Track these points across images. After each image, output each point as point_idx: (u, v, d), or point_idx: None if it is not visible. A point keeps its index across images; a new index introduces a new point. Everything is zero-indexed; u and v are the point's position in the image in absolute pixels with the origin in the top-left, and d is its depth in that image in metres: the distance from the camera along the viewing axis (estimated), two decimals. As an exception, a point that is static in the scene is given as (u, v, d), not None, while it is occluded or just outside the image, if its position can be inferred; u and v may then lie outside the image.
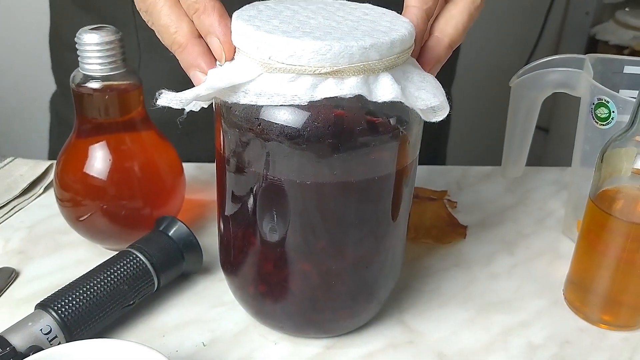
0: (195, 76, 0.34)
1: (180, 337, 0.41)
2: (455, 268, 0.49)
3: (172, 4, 0.35)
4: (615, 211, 0.41)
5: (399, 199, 0.38)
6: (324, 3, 0.37)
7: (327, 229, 0.36)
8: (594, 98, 0.46)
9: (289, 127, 0.33)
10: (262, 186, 0.35)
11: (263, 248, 0.37)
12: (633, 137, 0.40)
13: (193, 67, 0.34)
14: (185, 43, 0.34)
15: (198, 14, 0.34)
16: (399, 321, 0.43)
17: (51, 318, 0.37)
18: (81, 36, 0.42)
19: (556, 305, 0.45)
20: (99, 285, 0.40)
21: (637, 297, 0.43)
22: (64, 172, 0.46)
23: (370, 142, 0.34)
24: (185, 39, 0.34)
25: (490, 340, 0.42)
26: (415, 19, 0.35)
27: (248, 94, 0.32)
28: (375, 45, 0.31)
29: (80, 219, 0.46)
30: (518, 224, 0.54)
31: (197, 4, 0.33)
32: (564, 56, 0.50)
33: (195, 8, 0.34)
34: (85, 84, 0.43)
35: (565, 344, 0.42)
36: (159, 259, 0.43)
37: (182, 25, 0.34)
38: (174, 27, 0.35)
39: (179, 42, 0.35)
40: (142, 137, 0.46)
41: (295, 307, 0.39)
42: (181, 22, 0.35)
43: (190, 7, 0.34)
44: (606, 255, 0.42)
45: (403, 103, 0.33)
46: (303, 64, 0.31)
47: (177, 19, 0.35)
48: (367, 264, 0.38)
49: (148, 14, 0.36)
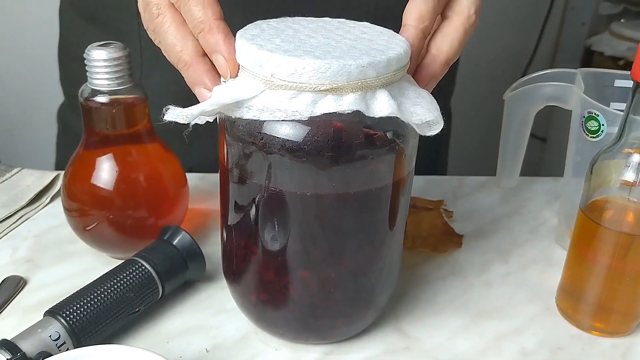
0: (201, 93, 0.36)
1: (184, 343, 0.42)
2: (451, 276, 0.50)
3: (179, 24, 0.36)
4: (604, 221, 0.42)
5: (396, 209, 0.39)
6: (323, 22, 0.39)
7: (326, 238, 0.38)
8: (584, 111, 0.48)
9: (290, 140, 0.34)
10: (263, 197, 0.37)
11: (264, 257, 0.39)
12: (621, 149, 0.41)
13: (198, 84, 0.36)
14: (191, 61, 0.36)
15: (203, 34, 0.35)
16: (396, 328, 0.44)
17: (60, 325, 0.39)
18: (90, 52, 0.43)
19: (548, 312, 0.46)
20: (105, 293, 0.41)
21: (627, 305, 0.44)
22: (71, 183, 0.47)
23: (367, 155, 0.35)
24: (191, 58, 0.36)
25: (485, 346, 0.43)
26: (411, 38, 0.37)
27: (251, 109, 0.34)
28: (373, 63, 0.33)
29: (87, 229, 0.47)
30: (512, 233, 0.56)
31: (203, 24, 0.35)
32: (556, 70, 0.52)
33: (201, 28, 0.35)
34: (93, 98, 0.45)
35: (557, 350, 0.43)
36: (164, 267, 0.44)
37: (188, 44, 0.36)
38: (180, 46, 0.36)
39: (185, 61, 0.36)
40: (148, 149, 0.48)
41: (295, 314, 0.40)
42: (187, 41, 0.36)
43: (196, 27, 0.35)
44: (596, 264, 0.43)
45: (399, 118, 0.34)
46: (304, 82, 0.33)
47: (182, 38, 0.36)
48: (365, 272, 0.40)
49: (155, 32, 0.38)
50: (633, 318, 0.45)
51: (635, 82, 0.39)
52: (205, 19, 0.35)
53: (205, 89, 0.36)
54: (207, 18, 0.35)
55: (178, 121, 0.35)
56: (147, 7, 0.38)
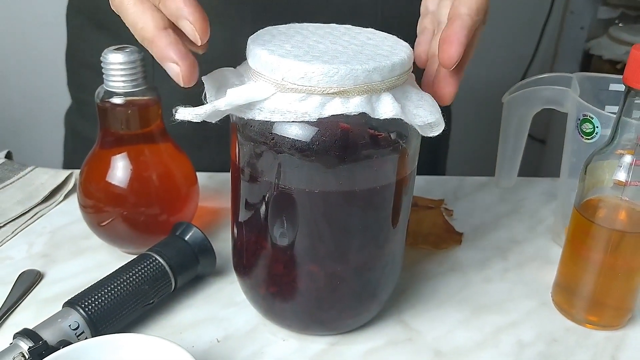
0: (169, 68, 0.34)
1: (196, 333, 0.44)
2: (451, 272, 0.52)
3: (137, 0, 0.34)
4: (598, 219, 0.44)
5: (398, 207, 0.41)
6: (330, 28, 0.41)
7: (333, 234, 0.40)
8: (579, 114, 0.50)
9: (300, 141, 0.36)
10: (273, 194, 0.38)
11: (274, 251, 0.41)
12: (614, 150, 0.43)
13: (165, 59, 0.34)
14: (152, 37, 0.34)
15: (163, 2, 0.33)
16: (399, 320, 0.46)
17: (79, 315, 0.41)
18: (106, 56, 0.45)
19: (544, 307, 0.48)
20: (122, 285, 0.43)
21: (620, 299, 0.46)
22: (87, 181, 0.49)
23: (372, 155, 0.37)
24: (151, 34, 0.34)
25: (483, 338, 0.45)
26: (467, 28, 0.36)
27: (263, 111, 0.36)
28: (378, 68, 0.35)
29: (102, 224, 0.49)
30: (511, 231, 0.58)
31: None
32: (553, 74, 0.54)
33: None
34: (109, 100, 0.47)
35: (552, 342, 0.45)
36: (176, 261, 0.46)
37: (147, 20, 0.34)
38: (140, 23, 0.34)
39: (146, 37, 0.34)
40: (160, 149, 0.50)
41: (302, 307, 0.42)
42: (145, 17, 0.34)
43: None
44: (590, 260, 0.45)
45: (403, 119, 0.36)
46: (313, 85, 0.35)
47: (141, 14, 0.34)
48: (370, 267, 0.42)
49: (119, 11, 0.36)
50: (625, 312, 0.47)
51: (626, 86, 0.41)
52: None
53: (174, 63, 0.34)
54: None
55: (189, 119, 0.36)
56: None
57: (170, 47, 0.34)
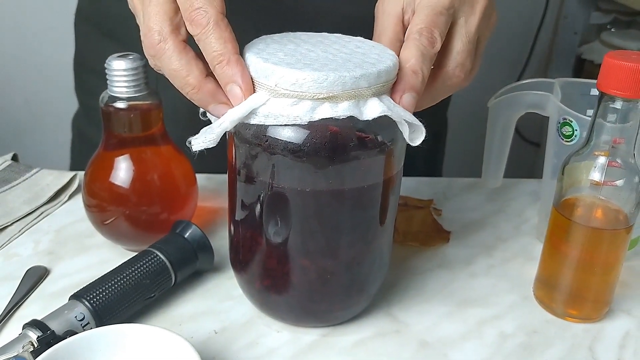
0: (216, 109, 0.39)
1: (194, 325, 0.46)
2: (439, 268, 0.54)
3: (181, 50, 0.39)
4: (575, 217, 0.47)
5: (386, 205, 0.43)
6: (321, 37, 0.44)
7: (323, 230, 0.42)
8: (560, 118, 0.52)
9: (292, 143, 0.38)
10: (268, 193, 0.41)
11: (268, 247, 0.43)
12: (591, 152, 0.46)
13: (212, 102, 0.39)
14: (199, 84, 0.38)
15: (222, 65, 0.38)
16: (387, 313, 0.49)
17: (84, 307, 0.43)
18: (110, 62, 0.48)
19: (526, 301, 0.51)
20: (125, 279, 0.45)
21: (597, 293, 0.48)
22: (91, 181, 0.52)
23: (360, 156, 0.40)
24: (198, 81, 0.38)
25: (467, 330, 0.47)
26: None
27: (257, 116, 0.38)
28: (365, 75, 0.37)
29: (105, 223, 0.52)
30: (497, 229, 0.60)
31: (223, 56, 0.37)
32: (536, 80, 0.56)
33: (220, 60, 0.38)
34: (112, 104, 0.49)
35: (533, 333, 0.47)
36: (176, 257, 0.48)
37: (193, 69, 0.38)
38: (186, 71, 0.38)
39: (193, 84, 0.38)
40: (161, 151, 0.52)
41: (295, 299, 0.45)
42: (192, 67, 0.38)
43: (215, 58, 0.38)
44: (569, 257, 0.47)
45: (389, 122, 0.39)
46: (304, 91, 0.37)
47: (187, 63, 0.38)
48: (358, 262, 0.44)
49: (156, 58, 0.39)
50: (603, 305, 0.49)
51: (600, 91, 0.43)
52: (225, 51, 0.37)
53: (222, 104, 0.38)
54: (227, 51, 0.37)
55: (207, 147, 0.39)
56: (148, 32, 0.39)
57: (218, 90, 0.38)
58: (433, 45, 0.41)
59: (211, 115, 0.41)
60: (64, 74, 0.75)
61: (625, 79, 0.41)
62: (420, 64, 0.40)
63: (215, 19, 0.38)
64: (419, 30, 0.41)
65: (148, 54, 0.40)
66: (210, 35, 0.38)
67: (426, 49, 0.40)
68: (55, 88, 1.28)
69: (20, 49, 1.39)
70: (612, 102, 0.43)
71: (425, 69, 0.40)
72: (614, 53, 0.43)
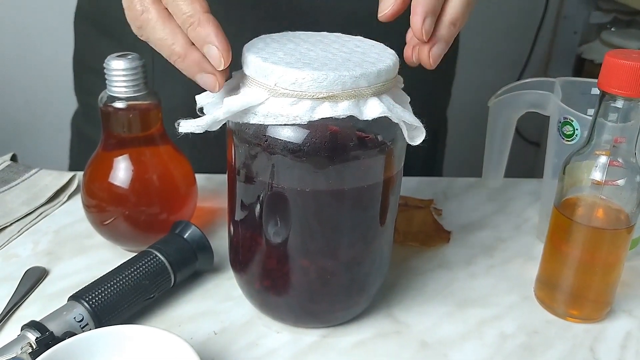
0: (203, 79, 0.38)
1: (194, 326, 0.46)
2: (439, 268, 0.54)
3: (165, 18, 0.38)
4: (576, 217, 0.46)
5: (386, 205, 0.43)
6: (321, 36, 0.43)
7: (323, 230, 0.42)
8: (560, 117, 0.52)
9: (291, 142, 0.38)
10: (267, 193, 0.41)
11: (268, 247, 0.43)
12: (592, 151, 0.46)
13: (198, 71, 0.38)
14: (185, 52, 0.37)
15: (193, 27, 0.36)
16: (388, 314, 0.48)
17: (83, 308, 0.43)
18: (109, 62, 0.48)
19: (527, 301, 0.50)
20: (124, 280, 0.45)
21: (599, 293, 0.48)
22: (90, 181, 0.52)
23: (360, 156, 0.40)
24: (184, 49, 0.37)
25: (468, 330, 0.47)
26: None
27: (257, 115, 0.38)
28: (365, 74, 0.37)
29: (105, 223, 0.52)
30: (497, 229, 0.60)
31: (192, 17, 0.36)
32: (536, 79, 0.56)
33: (190, 22, 0.36)
34: (111, 104, 0.49)
35: (533, 333, 0.47)
36: (176, 258, 0.48)
37: (178, 37, 0.37)
38: (171, 39, 0.38)
39: (178, 53, 0.38)
40: (160, 151, 0.52)
41: (295, 300, 0.45)
42: (176, 35, 0.37)
43: (185, 21, 0.37)
44: (570, 257, 0.47)
45: (389, 122, 0.39)
46: (304, 90, 0.37)
47: (171, 32, 0.38)
48: (358, 262, 0.44)
49: (141, 29, 0.39)
50: (605, 305, 0.49)
51: (601, 90, 0.43)
52: (194, 12, 0.36)
53: (208, 74, 0.37)
54: (196, 12, 0.36)
55: (191, 131, 0.39)
56: (130, 4, 0.39)
57: (203, 60, 0.37)
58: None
59: (208, 109, 0.40)
60: (64, 74, 0.75)
61: (627, 78, 0.41)
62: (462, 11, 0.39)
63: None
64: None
65: (134, 27, 0.40)
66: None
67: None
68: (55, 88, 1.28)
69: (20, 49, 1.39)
70: (613, 101, 0.43)
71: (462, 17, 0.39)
72: (615, 52, 0.42)
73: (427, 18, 0.38)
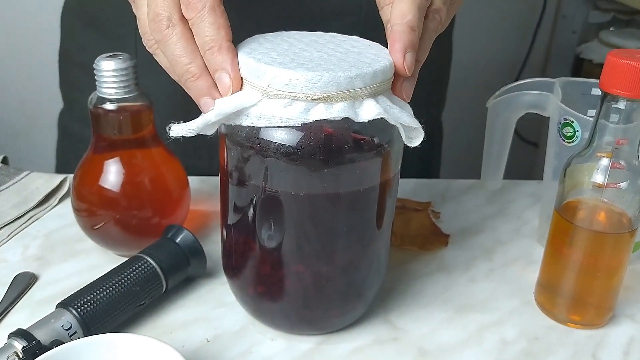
0: (206, 103, 0.38)
1: (186, 333, 0.45)
2: (438, 272, 0.53)
3: (188, 38, 0.38)
4: (577, 220, 0.45)
5: (383, 208, 0.42)
6: (315, 35, 0.42)
7: (318, 235, 0.41)
8: (560, 118, 0.51)
9: (285, 145, 0.37)
10: (261, 197, 0.40)
11: (261, 252, 0.42)
12: (594, 153, 0.45)
13: (205, 95, 0.38)
14: (200, 74, 0.38)
15: (212, 51, 0.37)
16: (385, 320, 0.47)
17: (71, 316, 0.42)
18: (99, 63, 0.46)
19: (527, 306, 0.49)
20: (114, 287, 0.44)
21: (601, 298, 0.47)
22: (80, 185, 0.50)
23: (356, 158, 0.38)
24: (200, 70, 0.38)
25: (467, 336, 0.46)
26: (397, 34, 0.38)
27: (249, 117, 0.37)
28: (360, 75, 0.36)
29: (95, 228, 0.50)
30: (496, 232, 0.59)
31: (214, 42, 0.37)
32: (536, 80, 0.55)
33: (211, 45, 0.37)
34: (101, 106, 0.48)
35: (534, 340, 0.46)
36: (167, 263, 0.47)
37: (197, 58, 0.38)
38: (189, 58, 0.38)
39: (193, 72, 0.38)
40: (152, 153, 0.51)
41: (290, 306, 0.44)
42: (196, 56, 0.38)
43: (206, 43, 0.37)
44: (571, 261, 0.46)
45: (386, 124, 0.37)
46: (297, 91, 0.36)
47: (192, 52, 0.38)
48: (355, 267, 0.43)
49: (160, 42, 0.39)
50: (607, 310, 0.48)
51: (602, 91, 0.42)
52: (217, 38, 0.37)
53: (211, 99, 0.38)
54: (220, 37, 0.37)
55: (183, 135, 0.38)
56: (156, 17, 0.39)
57: (213, 86, 0.38)
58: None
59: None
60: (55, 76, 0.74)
61: (629, 78, 0.40)
62: (417, 20, 0.38)
63: (212, 4, 0.37)
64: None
65: (149, 38, 0.40)
66: (204, 19, 0.37)
67: (422, 3, 0.39)
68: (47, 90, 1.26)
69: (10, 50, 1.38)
70: (615, 102, 0.42)
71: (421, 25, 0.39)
72: (617, 51, 0.41)
73: (407, 53, 0.38)
